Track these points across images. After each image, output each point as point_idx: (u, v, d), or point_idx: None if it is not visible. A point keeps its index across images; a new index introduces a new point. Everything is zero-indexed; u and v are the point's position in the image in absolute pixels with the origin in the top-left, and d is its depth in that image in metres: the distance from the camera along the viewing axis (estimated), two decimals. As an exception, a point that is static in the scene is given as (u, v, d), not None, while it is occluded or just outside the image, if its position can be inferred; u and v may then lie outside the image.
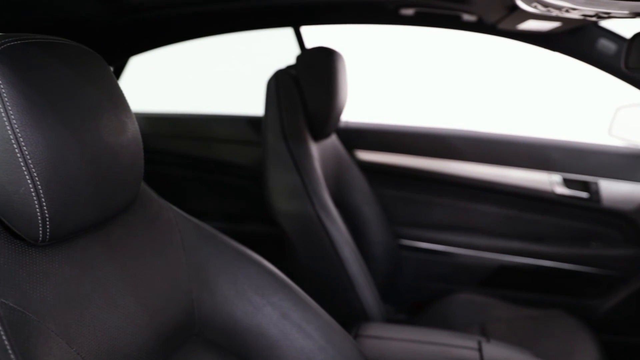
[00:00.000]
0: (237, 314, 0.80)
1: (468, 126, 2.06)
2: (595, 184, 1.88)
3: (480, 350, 1.15)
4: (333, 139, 1.68)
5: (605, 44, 1.65)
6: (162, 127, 2.22)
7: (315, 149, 1.45)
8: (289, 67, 1.49)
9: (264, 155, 1.40)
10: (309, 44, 1.92)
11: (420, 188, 2.03)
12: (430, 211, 2.04)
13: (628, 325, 2.00)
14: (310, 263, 1.35)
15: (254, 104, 2.00)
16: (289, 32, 1.90)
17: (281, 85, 1.42)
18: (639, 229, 1.89)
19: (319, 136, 1.48)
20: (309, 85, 1.44)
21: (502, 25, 1.56)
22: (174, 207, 0.84)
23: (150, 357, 0.68)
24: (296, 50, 1.92)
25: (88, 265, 0.65)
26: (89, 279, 0.65)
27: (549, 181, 1.90)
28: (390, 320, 1.74)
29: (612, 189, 1.87)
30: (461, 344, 1.18)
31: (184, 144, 2.17)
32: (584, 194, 1.89)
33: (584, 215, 1.95)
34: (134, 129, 0.71)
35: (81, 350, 0.60)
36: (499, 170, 1.94)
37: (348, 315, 1.30)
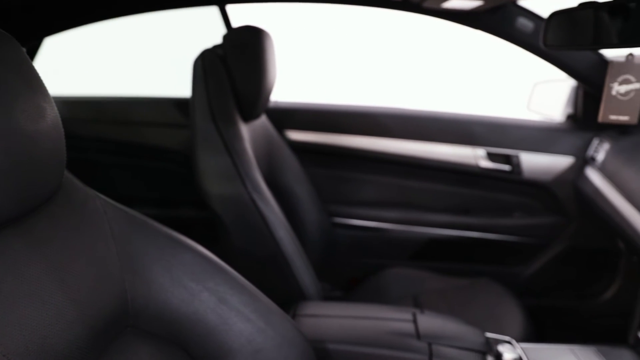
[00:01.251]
0: (173, 301, 0.78)
1: (396, 104, 2.10)
2: (517, 156, 1.96)
3: (415, 321, 1.19)
4: (263, 120, 1.66)
5: (523, 22, 1.72)
6: (83, 112, 2.12)
7: (245, 130, 1.43)
8: (216, 47, 1.46)
9: (193, 138, 1.37)
10: (235, 23, 1.88)
11: (351, 166, 2.06)
12: (361, 189, 2.07)
13: (547, 288, 2.13)
14: (245, 245, 1.33)
15: (179, 86, 1.95)
16: (214, 10, 1.86)
17: (208, 65, 1.38)
18: (557, 199, 2.00)
19: (248, 117, 1.46)
20: (236, 65, 1.41)
21: (427, 4, 1.59)
22: (101, 196, 0.81)
23: (82, 352, 0.65)
24: (222, 30, 1.87)
25: (10, 262, 0.62)
26: (12, 276, 0.61)
27: (473, 156, 1.97)
28: (327, 297, 1.76)
29: (532, 162, 1.96)
30: (397, 317, 1.21)
31: (108, 129, 2.08)
32: (506, 167, 1.98)
33: (506, 187, 2.05)
34: (53, 114, 0.67)
35: (7, 352, 0.56)
36: (426, 147, 1.99)
37: (285, 295, 1.30)
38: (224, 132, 1.33)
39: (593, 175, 1.82)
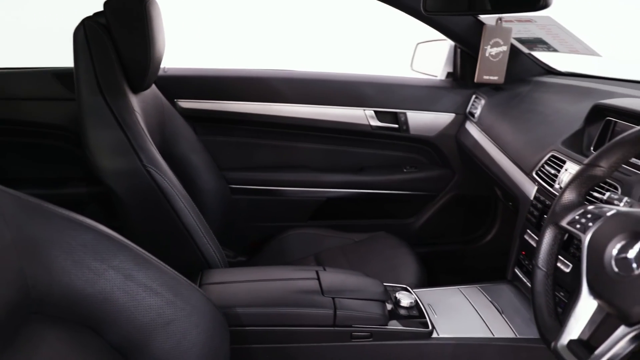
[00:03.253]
0: (77, 283, 0.76)
1: (285, 67, 2.11)
2: (404, 114, 2.07)
3: (318, 278, 1.25)
4: (153, 90, 1.61)
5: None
6: None
7: (135, 102, 1.38)
8: (97, 15, 1.38)
9: (80, 112, 1.30)
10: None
11: (245, 132, 2.06)
12: (257, 154, 2.08)
13: (437, 236, 2.29)
14: (145, 219, 1.31)
15: (56, 56, 1.82)
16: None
17: (90, 35, 1.31)
18: (441, 153, 2.15)
19: (138, 88, 1.41)
20: (121, 34, 1.34)
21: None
22: (-14, 180, 0.76)
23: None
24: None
25: None
26: None
27: (364, 116, 2.05)
28: (231, 264, 1.79)
29: (418, 119, 2.08)
30: (301, 276, 1.26)
31: None
32: (394, 125, 2.07)
33: (396, 145, 2.15)
34: None
35: None
36: (318, 109, 2.03)
37: (190, 265, 1.30)
38: (113, 105, 1.28)
39: (472, 129, 1.97)
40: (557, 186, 1.33)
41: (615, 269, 0.80)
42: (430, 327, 1.23)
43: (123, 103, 1.31)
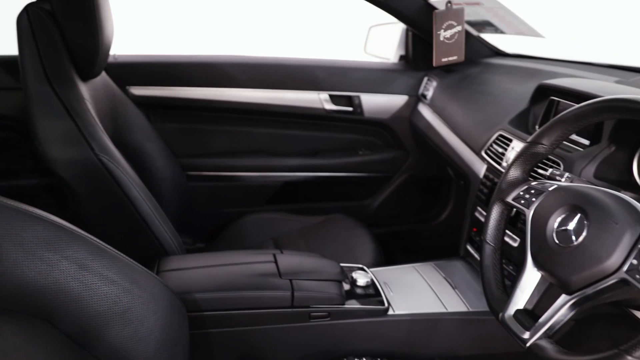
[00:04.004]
0: (30, 275, 0.75)
1: (239, 52, 2.09)
2: (358, 97, 2.09)
3: (275, 261, 1.26)
4: (103, 77, 1.57)
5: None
6: None
7: (85, 90, 1.35)
8: (41, 1, 1.34)
9: (27, 102, 1.26)
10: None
11: (200, 118, 2.04)
12: (212, 140, 2.07)
13: (392, 217, 2.34)
14: (100, 209, 1.29)
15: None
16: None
17: (34, 21, 1.27)
18: (395, 135, 2.18)
19: (87, 76, 1.38)
20: (67, 19, 1.30)
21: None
22: None
23: None
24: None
25: None
26: None
27: (318, 99, 2.06)
28: (189, 251, 1.78)
29: (372, 102, 2.10)
30: (258, 260, 1.27)
31: None
32: (349, 109, 2.09)
33: (351, 128, 2.18)
34: None
35: None
36: (272, 94, 2.03)
37: (147, 253, 1.29)
38: (61, 94, 1.24)
39: (424, 111, 2.01)
40: (504, 164, 1.38)
41: (556, 241, 0.84)
42: (386, 304, 1.26)
43: (72, 91, 1.28)
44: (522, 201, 0.96)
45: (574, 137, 1.25)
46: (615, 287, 0.75)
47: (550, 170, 1.04)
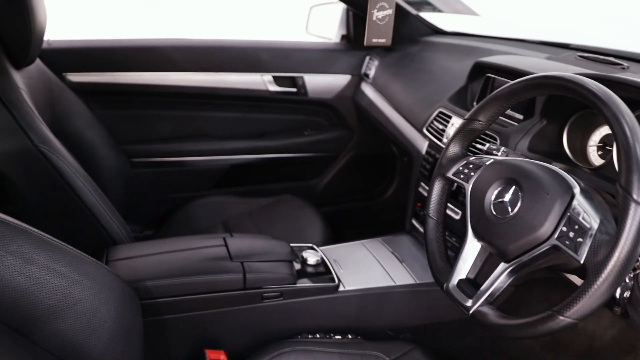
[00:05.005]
0: None
1: (179, 35, 2.05)
2: (301, 78, 2.10)
3: (226, 245, 1.27)
4: (38, 64, 1.51)
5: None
6: None
7: (19, 79, 1.30)
8: None
9: None
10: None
11: (142, 103, 2.00)
12: (155, 125, 2.04)
13: (340, 195, 2.38)
14: (43, 201, 1.26)
15: None
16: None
17: None
18: (340, 114, 2.21)
19: (21, 63, 1.33)
20: None
21: None
22: None
23: None
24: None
25: None
26: None
27: (262, 81, 2.05)
28: (138, 239, 1.76)
29: (315, 82, 2.12)
30: (208, 244, 1.27)
31: None
32: (293, 89, 2.10)
33: (295, 108, 2.19)
34: None
35: None
36: (216, 77, 2.01)
37: (95, 244, 1.27)
38: None
39: (367, 90, 2.04)
40: (445, 140, 1.43)
41: (494, 213, 0.89)
42: (336, 281, 1.30)
43: (5, 81, 1.23)
44: (462, 176, 1.00)
45: (509, 112, 1.31)
46: (548, 253, 0.80)
47: (487, 145, 1.09)
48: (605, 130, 1.11)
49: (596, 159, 1.12)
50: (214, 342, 1.21)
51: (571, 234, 0.77)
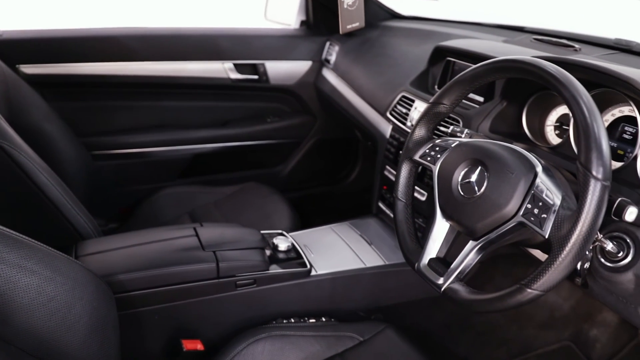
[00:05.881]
0: None
1: (136, 23, 2.01)
2: (262, 65, 2.09)
3: (197, 235, 1.27)
4: None
5: None
6: None
7: None
8: None
9: None
10: None
11: (101, 95, 1.96)
12: (116, 116, 2.00)
13: (305, 180, 2.39)
14: (6, 199, 1.23)
15: None
16: None
17: None
18: (302, 100, 2.22)
19: None
20: None
21: None
22: None
23: None
24: None
25: None
26: None
27: (223, 69, 2.04)
28: (103, 232, 1.73)
29: (276, 69, 2.11)
30: (179, 235, 1.27)
31: None
32: (254, 77, 2.09)
33: (257, 96, 2.18)
34: None
35: None
36: (176, 66, 1.98)
37: (62, 239, 1.25)
38: None
39: (329, 76, 2.05)
40: (409, 124, 1.46)
41: (461, 193, 0.92)
42: (308, 266, 1.32)
43: None
44: (429, 158, 1.03)
45: (470, 95, 1.34)
46: (515, 230, 0.84)
47: (451, 127, 1.12)
48: (561, 110, 1.16)
49: (554, 138, 1.17)
50: (190, 331, 1.21)
51: (536, 211, 0.81)
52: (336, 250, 1.44)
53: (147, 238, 1.26)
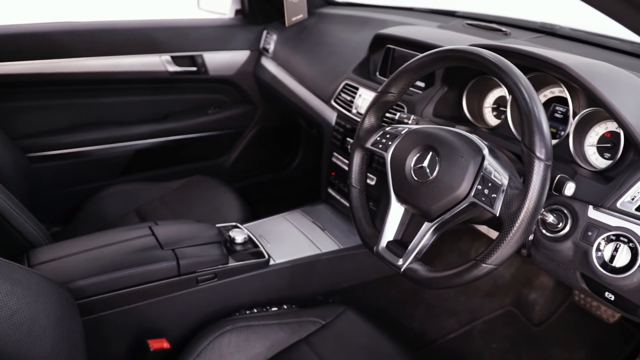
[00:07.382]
0: None
1: (67, 18, 1.93)
2: (201, 56, 2.07)
3: (153, 234, 1.27)
4: None
5: None
6: None
7: None
8: None
9: None
10: None
11: (33, 94, 1.87)
12: (51, 116, 1.92)
13: (250, 170, 2.40)
14: None
15: None
16: None
17: None
18: (242, 90, 2.21)
19: None
20: None
21: None
22: None
23: None
24: None
25: None
26: None
27: (160, 62, 2.00)
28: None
29: (215, 60, 2.09)
30: (135, 235, 1.26)
31: None
32: (193, 69, 2.07)
33: (197, 87, 2.16)
34: None
35: None
36: (111, 61, 1.92)
37: (11, 249, 1.21)
38: None
39: (268, 65, 2.06)
40: (354, 111, 1.50)
41: (415, 178, 0.97)
42: (266, 256, 1.34)
43: None
44: (380, 145, 1.07)
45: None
46: (467, 210, 0.90)
47: (398, 114, 1.17)
48: (497, 92, 1.23)
49: (492, 119, 1.24)
50: (155, 331, 1.22)
51: (486, 191, 0.87)
52: (292, 239, 1.47)
53: (102, 241, 1.24)
